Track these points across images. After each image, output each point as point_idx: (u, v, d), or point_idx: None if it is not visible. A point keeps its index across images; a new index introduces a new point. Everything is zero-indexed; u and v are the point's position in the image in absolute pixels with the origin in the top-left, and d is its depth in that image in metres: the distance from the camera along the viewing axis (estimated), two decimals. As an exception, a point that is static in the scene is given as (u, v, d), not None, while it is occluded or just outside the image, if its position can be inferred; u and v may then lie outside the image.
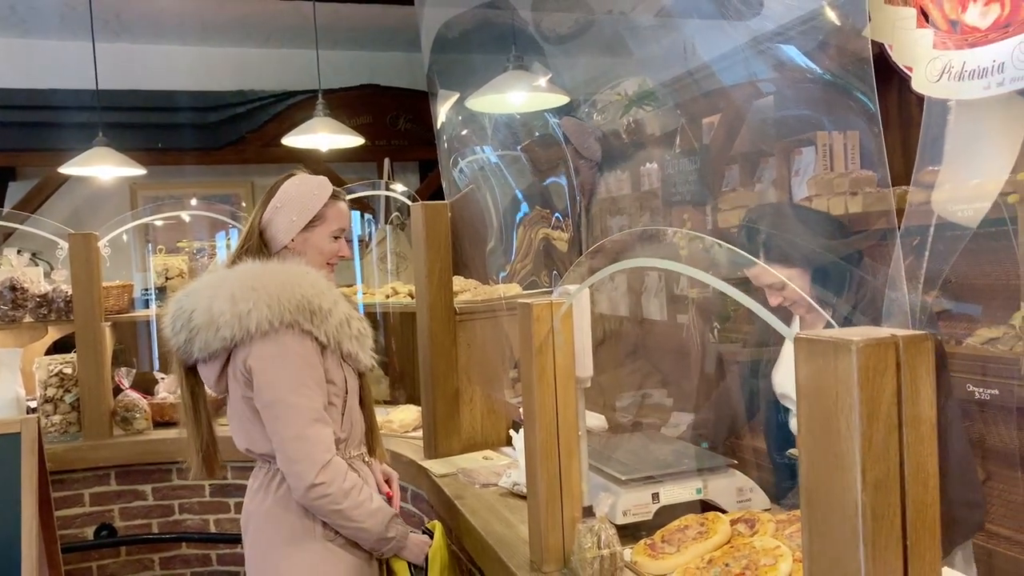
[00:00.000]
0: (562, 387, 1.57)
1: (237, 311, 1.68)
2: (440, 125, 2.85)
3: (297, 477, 1.67)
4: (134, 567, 3.18)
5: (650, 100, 3.15)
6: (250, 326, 1.67)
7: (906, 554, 0.79)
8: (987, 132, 1.67)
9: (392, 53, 5.70)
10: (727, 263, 1.66)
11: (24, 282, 3.22)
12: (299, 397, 1.69)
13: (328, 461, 1.68)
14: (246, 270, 1.77)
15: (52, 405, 3.14)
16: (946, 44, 1.60)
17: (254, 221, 1.92)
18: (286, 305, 1.69)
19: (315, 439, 1.68)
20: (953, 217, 1.65)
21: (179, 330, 1.75)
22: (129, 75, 5.13)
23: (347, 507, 1.69)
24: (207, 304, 1.71)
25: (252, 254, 1.85)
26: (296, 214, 1.90)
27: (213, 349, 1.72)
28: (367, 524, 1.73)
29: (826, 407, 0.80)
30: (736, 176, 3.28)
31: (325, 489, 1.66)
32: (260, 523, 1.82)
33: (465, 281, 2.98)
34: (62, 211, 5.05)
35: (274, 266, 1.80)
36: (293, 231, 1.90)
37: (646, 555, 1.58)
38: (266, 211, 1.91)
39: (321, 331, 1.73)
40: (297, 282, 1.75)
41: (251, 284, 1.71)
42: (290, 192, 1.91)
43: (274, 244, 1.91)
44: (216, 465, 1.94)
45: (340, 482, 1.68)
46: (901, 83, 1.63)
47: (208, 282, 1.78)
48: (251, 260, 1.81)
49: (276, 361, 1.69)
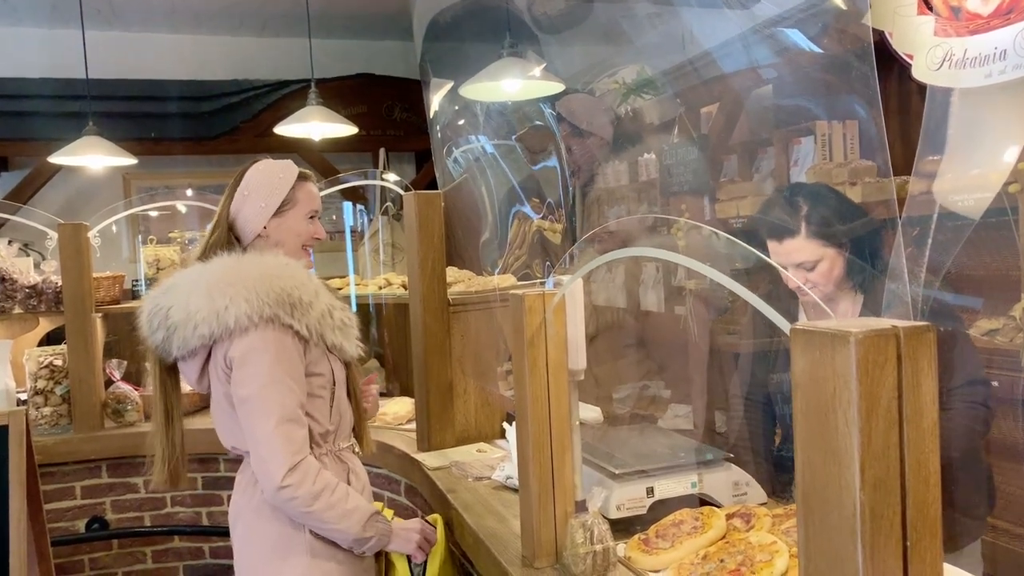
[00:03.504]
0: (554, 380, 1.55)
1: (215, 307, 1.63)
2: (433, 114, 2.81)
3: (265, 477, 1.63)
4: (126, 560, 3.16)
5: (649, 88, 3.11)
6: (228, 322, 1.63)
7: (906, 555, 0.76)
8: (989, 121, 1.64)
9: (388, 42, 5.66)
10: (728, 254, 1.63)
11: (13, 273, 3.18)
12: (272, 395, 1.64)
13: (297, 463, 1.62)
14: (222, 264, 1.72)
15: (42, 397, 3.10)
16: (947, 31, 1.57)
17: (221, 213, 1.85)
18: (264, 299, 1.65)
19: (284, 439, 1.62)
20: (954, 207, 1.62)
21: (156, 328, 1.71)
22: (122, 64, 5.08)
23: (317, 509, 1.64)
24: (184, 301, 1.67)
25: (221, 247, 1.79)
26: (264, 199, 1.84)
27: (192, 347, 1.68)
28: (341, 526, 1.68)
29: (823, 402, 0.77)
30: (734, 166, 3.25)
31: (293, 492, 1.61)
32: (250, 521, 1.78)
33: (459, 272, 2.95)
34: (54, 201, 5.01)
35: (251, 258, 1.75)
36: (264, 217, 1.84)
37: (640, 550, 1.55)
38: (233, 201, 1.85)
39: (303, 324, 1.69)
40: (276, 274, 1.70)
41: (228, 279, 1.67)
42: (255, 179, 1.86)
43: (246, 234, 1.85)
44: (182, 475, 1.88)
45: (309, 485, 1.62)
46: (901, 71, 1.60)
47: (184, 278, 1.73)
48: (223, 254, 1.76)
49: (252, 356, 1.65)
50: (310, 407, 1.75)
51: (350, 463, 1.87)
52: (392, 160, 5.15)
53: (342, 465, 1.84)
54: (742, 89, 2.61)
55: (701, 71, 2.56)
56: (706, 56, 2.33)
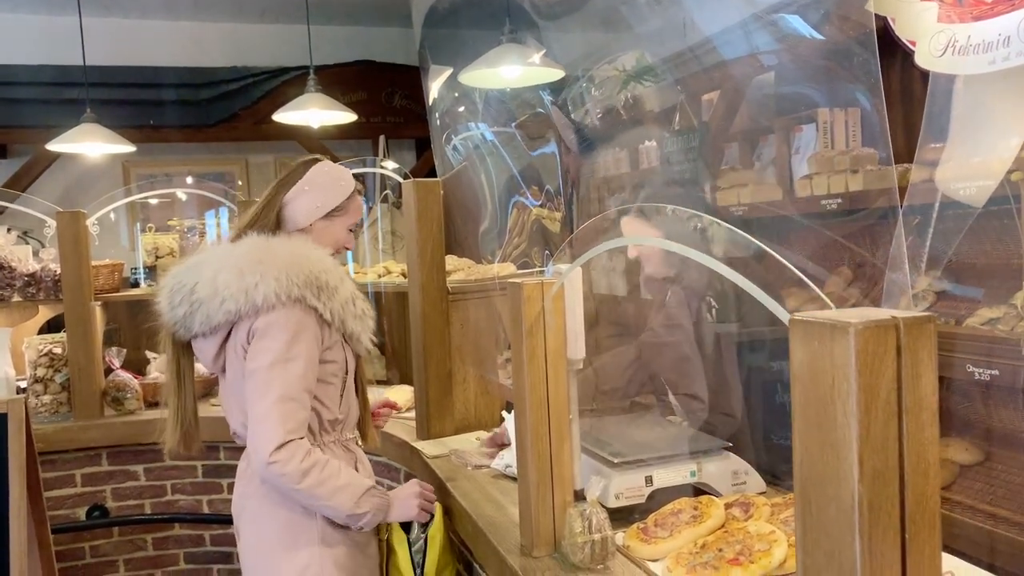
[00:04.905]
0: (553, 369, 1.54)
1: (244, 284, 1.66)
2: (432, 101, 2.79)
3: (256, 451, 1.63)
4: (127, 548, 3.17)
5: (649, 75, 3.08)
6: (256, 299, 1.65)
7: (904, 547, 0.75)
8: (992, 108, 1.62)
9: (388, 28, 5.62)
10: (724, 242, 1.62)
11: (11, 261, 3.17)
12: (279, 372, 1.65)
13: (287, 441, 1.62)
14: (253, 243, 1.75)
15: (42, 385, 3.11)
16: (951, 17, 1.55)
17: (275, 199, 1.87)
18: (294, 280, 1.67)
19: (281, 416, 1.62)
20: (956, 195, 1.60)
21: (178, 304, 1.72)
22: (120, 51, 5.05)
23: (306, 486, 1.63)
24: (211, 276, 1.69)
25: (265, 230, 1.82)
26: (321, 199, 1.88)
27: (215, 323, 1.69)
28: (332, 502, 1.67)
29: (822, 393, 0.76)
30: (735, 154, 3.22)
31: (281, 468, 1.60)
32: (257, 508, 1.79)
33: (459, 260, 2.94)
34: (54, 189, 5.00)
35: (280, 241, 1.78)
36: (315, 215, 1.88)
37: (638, 539, 1.55)
38: (291, 191, 1.88)
39: (327, 309, 1.72)
40: (306, 256, 1.74)
41: (258, 257, 1.70)
42: (319, 178, 1.90)
43: (289, 224, 1.88)
44: (195, 441, 1.90)
45: (297, 462, 1.62)
46: (904, 58, 1.58)
47: (212, 255, 1.75)
48: (253, 235, 1.79)
49: (271, 332, 1.67)
50: (321, 393, 1.75)
51: (356, 452, 1.88)
52: (392, 147, 5.13)
53: (349, 454, 1.85)
54: (743, 76, 2.58)
55: (702, 58, 2.54)
56: (707, 43, 2.31)
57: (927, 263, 1.56)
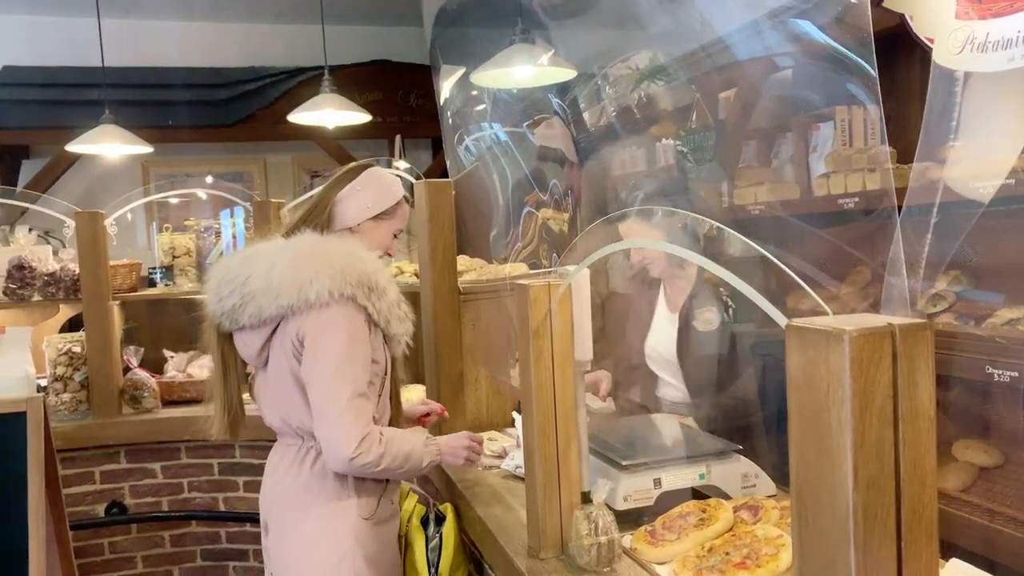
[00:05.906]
0: (560, 370, 1.54)
1: (298, 280, 1.68)
2: (444, 101, 2.79)
3: (336, 448, 1.67)
4: (145, 544, 3.21)
5: (662, 74, 3.07)
6: (310, 296, 1.67)
7: (900, 556, 0.74)
8: (1010, 106, 1.60)
9: (403, 28, 5.63)
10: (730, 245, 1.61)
11: (32, 260, 3.22)
12: (348, 369, 1.69)
13: (367, 434, 1.68)
14: (308, 240, 1.79)
15: (62, 383, 3.15)
16: (969, 14, 1.53)
17: (327, 197, 1.92)
18: (348, 279, 1.70)
19: (355, 413, 1.68)
20: (973, 194, 1.58)
21: (227, 295, 1.74)
22: (138, 52, 5.10)
23: (384, 467, 1.70)
24: (265, 270, 1.71)
25: (317, 228, 1.86)
26: (372, 201, 1.92)
27: (265, 316, 1.71)
28: (406, 468, 1.76)
29: (817, 400, 0.75)
30: (753, 152, 3.20)
31: (363, 459, 1.67)
32: (295, 500, 1.81)
33: (471, 260, 2.94)
34: (75, 189, 5.07)
35: (335, 240, 1.82)
36: (364, 216, 1.92)
37: (646, 542, 1.54)
38: (343, 190, 1.92)
39: (376, 309, 1.75)
40: (359, 256, 1.77)
41: (315, 254, 1.73)
42: (372, 181, 1.95)
43: (337, 223, 1.92)
44: (240, 428, 1.94)
45: (376, 451, 1.68)
46: (923, 55, 1.56)
47: (265, 249, 1.78)
48: (307, 232, 1.82)
49: (329, 333, 1.69)
50: None
51: None
52: (408, 146, 5.15)
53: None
54: (758, 76, 2.56)
55: (715, 57, 2.52)
56: (719, 43, 2.29)
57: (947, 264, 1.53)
